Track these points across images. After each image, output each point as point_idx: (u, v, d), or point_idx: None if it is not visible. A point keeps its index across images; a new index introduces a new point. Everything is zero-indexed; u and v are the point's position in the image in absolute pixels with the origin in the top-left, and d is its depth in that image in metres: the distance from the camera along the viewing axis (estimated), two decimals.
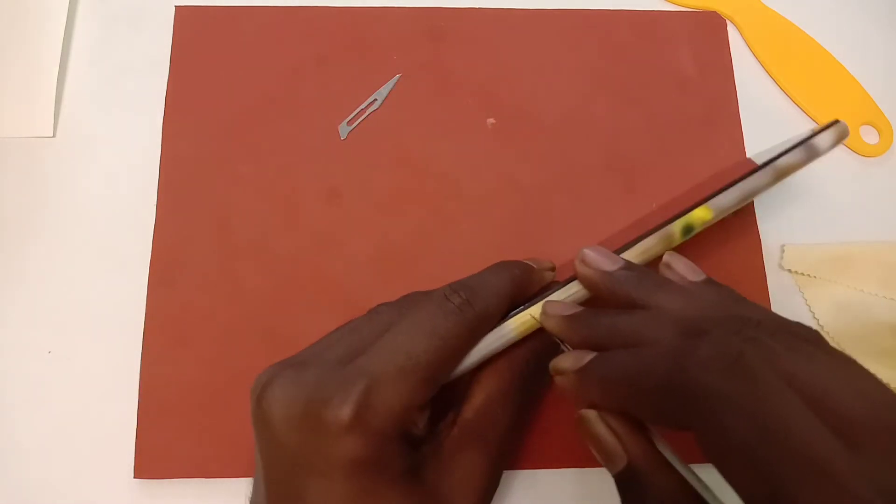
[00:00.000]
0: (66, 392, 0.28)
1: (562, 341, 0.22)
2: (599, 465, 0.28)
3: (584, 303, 0.24)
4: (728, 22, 0.36)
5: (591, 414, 0.20)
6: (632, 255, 0.24)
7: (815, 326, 0.31)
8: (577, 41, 0.35)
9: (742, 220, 0.32)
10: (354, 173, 0.32)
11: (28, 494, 0.27)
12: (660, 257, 0.24)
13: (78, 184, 0.31)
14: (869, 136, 0.34)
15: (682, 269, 0.23)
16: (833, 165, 0.34)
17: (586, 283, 0.23)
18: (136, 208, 0.31)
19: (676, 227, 0.24)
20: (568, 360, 0.21)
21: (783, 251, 0.32)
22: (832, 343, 0.31)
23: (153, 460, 0.27)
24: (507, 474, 0.28)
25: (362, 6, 0.35)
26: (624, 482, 0.19)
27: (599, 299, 0.23)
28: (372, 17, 0.34)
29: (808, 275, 0.31)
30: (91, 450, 0.28)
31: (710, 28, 0.35)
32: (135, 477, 0.27)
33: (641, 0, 0.36)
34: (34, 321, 0.29)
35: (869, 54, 0.36)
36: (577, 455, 0.28)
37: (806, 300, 0.31)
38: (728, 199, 0.24)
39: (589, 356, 0.20)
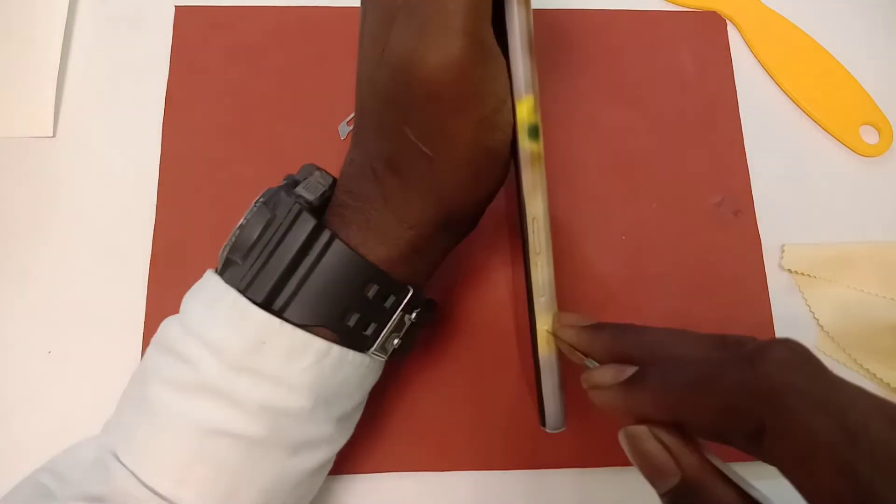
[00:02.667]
0: (66, 392, 0.28)
1: (584, 354, 0.22)
2: (599, 466, 0.28)
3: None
4: (728, 22, 0.36)
5: (641, 430, 0.19)
6: (531, 198, 0.22)
7: (814, 326, 0.31)
8: (577, 41, 0.35)
9: (742, 220, 0.32)
10: None
11: None
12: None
13: (78, 184, 0.31)
14: (869, 136, 0.34)
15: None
16: (833, 165, 0.34)
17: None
18: (136, 208, 0.31)
19: (523, 140, 0.22)
20: (607, 374, 0.20)
21: (783, 251, 0.32)
22: (832, 343, 0.31)
23: None
24: (507, 474, 0.28)
25: None
26: (677, 499, 0.18)
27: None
28: None
29: (808, 275, 0.31)
30: None
31: (710, 28, 0.36)
32: None
33: (641, 0, 0.36)
34: (34, 321, 0.29)
35: (869, 54, 0.36)
36: (578, 455, 0.28)
37: (806, 300, 0.31)
38: (519, 68, 0.21)
39: (631, 369, 0.19)
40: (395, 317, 0.22)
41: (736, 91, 0.34)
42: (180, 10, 0.34)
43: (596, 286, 0.31)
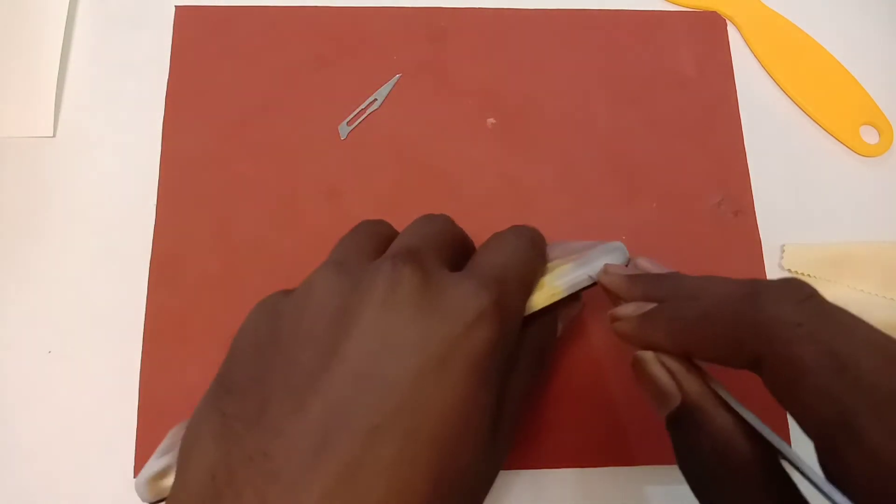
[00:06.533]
0: (66, 392, 0.28)
1: (624, 299, 0.23)
2: (599, 465, 0.28)
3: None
4: (728, 22, 0.36)
5: (648, 354, 0.20)
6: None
7: None
8: (577, 41, 0.35)
9: (742, 220, 0.32)
10: (354, 173, 0.32)
11: (28, 494, 0.27)
12: None
13: (78, 184, 0.31)
14: (869, 136, 0.34)
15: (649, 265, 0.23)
16: (833, 165, 0.34)
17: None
18: (136, 208, 0.31)
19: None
20: (630, 307, 0.21)
21: (783, 251, 0.32)
22: None
23: None
24: (506, 474, 0.28)
25: (362, 6, 0.35)
26: (677, 422, 0.19)
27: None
28: (372, 17, 0.34)
29: (808, 275, 0.31)
30: (91, 450, 0.28)
31: (710, 28, 0.36)
32: (135, 477, 0.27)
33: (641, 0, 0.36)
34: (34, 321, 0.29)
35: (869, 54, 0.36)
36: (577, 455, 0.28)
37: None
38: None
39: (651, 305, 0.21)
40: None
41: (736, 91, 0.34)
42: (180, 10, 0.34)
43: (596, 286, 0.31)
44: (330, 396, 0.17)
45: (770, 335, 0.17)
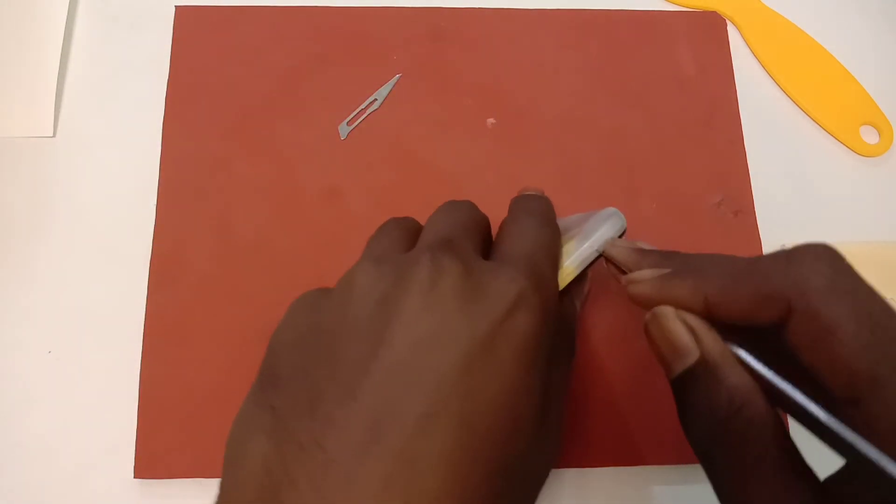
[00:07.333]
0: (66, 392, 0.28)
1: (621, 271, 0.23)
2: (599, 465, 0.28)
3: None
4: (728, 22, 0.36)
5: (669, 310, 0.20)
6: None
7: None
8: (577, 41, 0.35)
9: (742, 220, 0.32)
10: (355, 173, 0.32)
11: (28, 494, 0.27)
12: None
13: (78, 184, 0.31)
14: (869, 136, 0.34)
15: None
16: (833, 165, 0.34)
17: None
18: (136, 208, 0.31)
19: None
20: (647, 271, 0.21)
21: None
22: None
23: (153, 460, 0.27)
24: None
25: (362, 6, 0.35)
26: (691, 380, 0.19)
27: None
28: (372, 17, 0.34)
29: None
30: (91, 450, 0.28)
31: (710, 28, 0.36)
32: (135, 477, 0.27)
33: (641, 0, 0.36)
34: (34, 321, 0.29)
35: (869, 54, 0.36)
36: (578, 455, 0.28)
37: None
38: None
39: (667, 270, 0.20)
40: None
41: (736, 91, 0.34)
42: (180, 10, 0.34)
43: (595, 286, 0.31)
44: (379, 385, 0.17)
45: (805, 287, 0.17)
